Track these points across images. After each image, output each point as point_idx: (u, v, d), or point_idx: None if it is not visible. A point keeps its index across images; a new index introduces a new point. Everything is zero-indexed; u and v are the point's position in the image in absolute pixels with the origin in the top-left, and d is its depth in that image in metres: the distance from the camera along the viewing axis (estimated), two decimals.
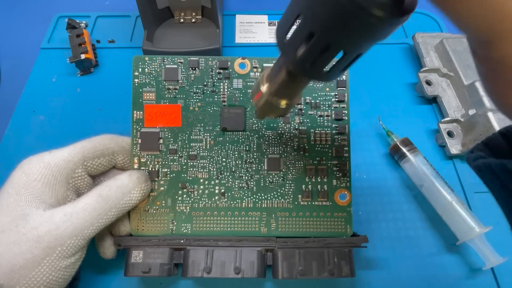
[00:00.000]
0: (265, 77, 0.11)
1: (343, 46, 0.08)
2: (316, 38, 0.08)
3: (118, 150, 0.16)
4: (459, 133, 0.21)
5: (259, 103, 0.11)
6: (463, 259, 0.18)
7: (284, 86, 0.10)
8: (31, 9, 0.28)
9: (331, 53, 0.08)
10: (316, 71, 0.09)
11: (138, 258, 0.15)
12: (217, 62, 0.16)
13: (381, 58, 0.25)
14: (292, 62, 0.09)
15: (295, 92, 0.11)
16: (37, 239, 0.12)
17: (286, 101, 0.10)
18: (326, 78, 0.09)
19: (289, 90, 0.10)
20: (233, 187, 0.16)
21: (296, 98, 0.11)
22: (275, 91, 0.10)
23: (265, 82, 0.10)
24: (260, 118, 0.12)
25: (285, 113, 0.11)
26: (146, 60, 0.16)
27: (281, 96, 0.10)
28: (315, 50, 0.08)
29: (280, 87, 0.10)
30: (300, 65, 0.09)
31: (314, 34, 0.08)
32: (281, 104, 0.10)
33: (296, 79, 0.10)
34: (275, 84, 0.10)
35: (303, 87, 0.11)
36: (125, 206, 0.15)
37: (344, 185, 0.16)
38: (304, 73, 0.09)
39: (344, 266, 0.15)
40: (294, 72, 0.09)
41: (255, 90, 0.11)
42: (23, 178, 0.13)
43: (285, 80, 0.10)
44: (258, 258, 0.15)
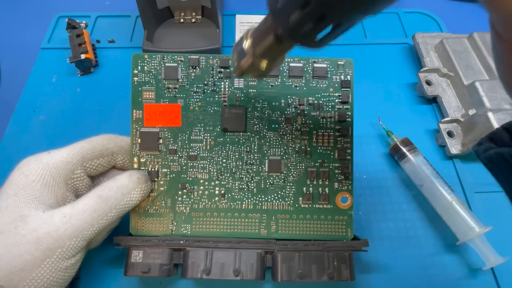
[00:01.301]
0: (249, 34, 0.10)
1: (338, 18, 0.08)
2: (312, 7, 0.07)
3: (117, 150, 0.15)
4: (459, 133, 0.20)
5: (240, 61, 0.10)
6: (463, 259, 0.17)
7: (269, 48, 0.09)
8: (31, 9, 0.27)
9: (325, 23, 0.08)
10: (308, 39, 0.08)
11: (138, 258, 0.15)
12: (218, 61, 0.16)
13: (381, 58, 0.24)
14: (283, 28, 0.08)
15: (279, 55, 0.10)
16: (37, 240, 0.12)
17: (267, 63, 0.10)
18: (316, 46, 0.09)
19: (273, 52, 0.10)
20: (233, 188, 0.15)
21: (278, 60, 0.10)
22: (258, 50, 0.10)
23: (249, 40, 0.10)
24: (239, 76, 0.12)
25: (265, 74, 0.11)
26: (145, 58, 0.15)
27: (264, 57, 0.10)
28: (310, 19, 0.08)
29: (265, 49, 0.10)
30: (292, 32, 0.08)
31: (309, 3, 0.07)
32: (262, 64, 0.10)
33: (283, 44, 0.09)
34: (259, 44, 0.10)
35: (289, 50, 0.10)
36: (125, 206, 0.14)
37: (346, 188, 0.16)
38: (295, 40, 0.09)
39: (344, 269, 0.14)
40: (283, 37, 0.09)
41: (238, 46, 0.10)
42: (22, 179, 0.13)
43: (271, 43, 0.09)
44: (257, 260, 0.14)
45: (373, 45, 0.25)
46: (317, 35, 0.08)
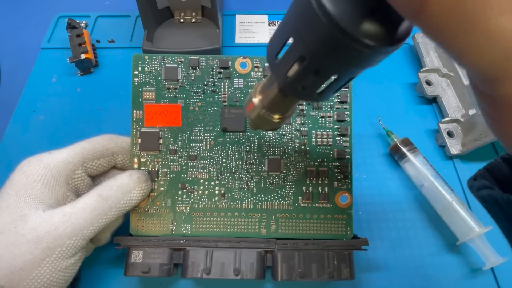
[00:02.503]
0: (258, 89, 0.10)
1: (334, 72, 0.08)
2: (307, 62, 0.08)
3: (118, 151, 0.16)
4: (459, 133, 0.21)
5: (251, 116, 0.11)
6: (463, 259, 0.17)
7: (276, 102, 0.10)
8: (31, 9, 0.28)
9: (322, 78, 0.08)
10: (307, 93, 0.08)
11: (138, 258, 0.15)
12: (218, 62, 0.16)
13: None
14: (283, 82, 0.08)
15: (287, 108, 0.10)
16: (37, 240, 0.12)
17: (278, 116, 0.10)
18: (317, 99, 0.09)
19: (281, 105, 0.10)
20: (233, 188, 0.16)
21: (288, 113, 0.11)
22: (267, 105, 0.10)
23: (258, 95, 0.10)
24: (253, 129, 0.12)
25: (278, 127, 0.11)
26: (146, 59, 0.16)
27: (274, 111, 0.10)
28: (306, 73, 0.08)
29: (272, 103, 0.10)
30: (291, 86, 0.08)
31: (305, 58, 0.07)
32: (273, 118, 0.10)
33: (288, 97, 0.09)
34: (267, 99, 0.10)
35: (296, 103, 0.10)
36: (125, 206, 0.14)
37: (345, 187, 0.16)
38: (295, 94, 0.09)
39: (344, 268, 0.14)
40: (286, 91, 0.09)
41: (248, 102, 0.11)
42: (22, 179, 0.13)
43: (277, 97, 0.09)
44: (257, 260, 0.14)
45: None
46: (317, 89, 0.08)
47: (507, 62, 0.06)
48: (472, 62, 0.06)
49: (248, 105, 0.11)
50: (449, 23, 0.06)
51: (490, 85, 0.06)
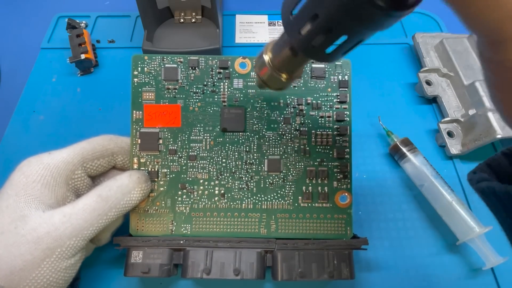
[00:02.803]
0: (269, 48, 0.11)
1: (345, 32, 0.08)
2: (320, 20, 0.08)
3: (118, 151, 0.16)
4: (459, 133, 0.21)
5: (260, 73, 0.11)
6: (463, 259, 0.18)
7: (286, 61, 0.10)
8: (31, 9, 0.28)
9: (333, 37, 0.08)
10: (318, 52, 0.09)
11: (138, 259, 0.15)
12: (217, 62, 0.16)
13: (381, 58, 0.25)
14: (295, 40, 0.09)
15: (296, 68, 0.11)
16: (36, 240, 0.12)
17: (287, 75, 0.11)
18: (326, 59, 0.09)
19: (291, 65, 0.10)
20: (233, 188, 0.16)
21: (296, 73, 0.11)
22: (277, 64, 0.10)
23: (268, 53, 0.11)
24: (260, 87, 0.12)
25: (285, 86, 0.11)
26: (145, 59, 0.16)
27: (283, 70, 0.10)
28: (318, 32, 0.08)
29: (282, 62, 0.10)
30: (303, 44, 0.09)
31: (318, 16, 0.08)
32: (282, 77, 0.11)
33: (298, 56, 0.10)
34: (277, 58, 0.10)
35: (305, 63, 0.11)
36: (125, 206, 0.14)
37: (345, 187, 0.16)
38: (305, 52, 0.09)
39: (344, 268, 0.14)
40: (297, 50, 0.09)
41: (258, 59, 0.11)
42: (22, 180, 0.13)
43: (287, 56, 0.10)
44: (257, 260, 0.14)
45: (373, 45, 0.25)
46: (327, 49, 0.09)
47: None
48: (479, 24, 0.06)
49: (258, 63, 0.11)
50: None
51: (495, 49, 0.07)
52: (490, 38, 0.07)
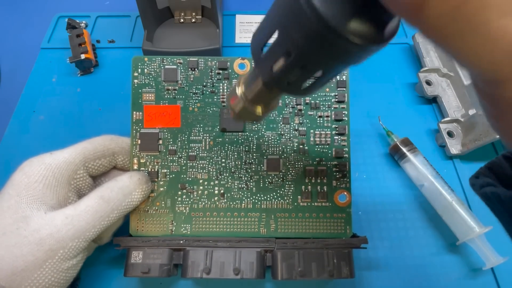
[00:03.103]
0: (242, 81, 0.10)
1: (320, 68, 0.08)
2: (293, 58, 0.08)
3: (119, 151, 0.16)
4: (459, 133, 0.21)
5: (235, 108, 0.11)
6: (463, 259, 0.18)
7: (260, 95, 0.10)
8: (31, 9, 0.28)
9: (308, 73, 0.08)
10: (293, 88, 0.09)
11: (138, 259, 0.15)
12: (217, 63, 0.16)
13: (381, 58, 0.25)
14: (267, 77, 0.09)
15: (271, 101, 0.10)
16: (39, 241, 0.12)
17: (261, 108, 0.10)
18: (302, 94, 0.09)
19: (265, 98, 0.10)
20: (232, 187, 0.16)
21: (271, 105, 0.11)
22: (251, 98, 0.10)
23: (242, 86, 0.10)
24: (236, 120, 0.12)
25: (261, 119, 0.11)
26: (145, 60, 0.16)
27: (257, 103, 0.10)
28: (291, 69, 0.08)
29: (256, 95, 0.10)
30: (276, 81, 0.08)
31: (291, 54, 0.08)
32: (256, 110, 0.10)
33: (273, 90, 0.10)
34: (251, 92, 0.10)
35: (280, 96, 0.11)
36: (127, 207, 0.15)
37: (344, 186, 0.16)
38: (280, 89, 0.09)
39: (344, 267, 0.15)
40: (270, 85, 0.09)
41: (231, 93, 0.11)
42: (24, 180, 0.13)
43: (261, 90, 0.10)
44: (257, 259, 0.15)
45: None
46: (302, 84, 0.08)
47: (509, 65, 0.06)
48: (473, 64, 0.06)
49: (231, 97, 0.11)
50: (450, 26, 0.06)
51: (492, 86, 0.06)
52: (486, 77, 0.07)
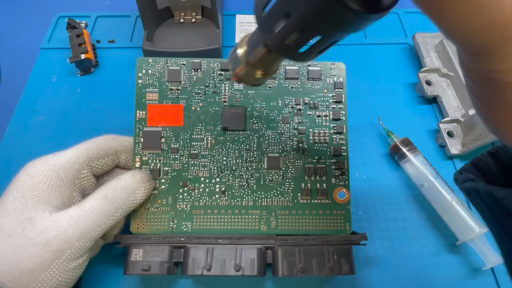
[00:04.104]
0: (244, 42, 0.11)
1: (319, 33, 0.08)
2: (292, 19, 0.08)
3: (121, 149, 0.17)
4: (459, 133, 0.22)
5: (235, 69, 0.11)
6: (463, 259, 0.19)
7: (260, 58, 0.10)
8: (31, 9, 0.30)
9: (306, 37, 0.08)
10: (291, 50, 0.09)
11: (138, 256, 0.16)
12: (219, 64, 0.18)
13: (381, 58, 0.27)
14: (268, 38, 0.09)
15: (272, 64, 0.11)
16: (46, 243, 0.13)
17: (262, 72, 0.11)
18: (300, 59, 0.09)
19: (265, 62, 0.11)
20: (233, 185, 0.18)
21: (272, 70, 0.11)
22: (252, 61, 0.11)
23: (243, 48, 0.11)
24: (237, 82, 0.13)
25: (261, 83, 0.12)
26: (150, 62, 0.18)
27: (258, 66, 0.11)
28: (290, 31, 0.08)
29: (257, 59, 0.10)
30: (275, 42, 0.09)
31: (290, 15, 0.08)
32: (257, 73, 0.11)
33: (273, 53, 0.10)
34: (252, 55, 0.10)
35: (281, 60, 0.11)
36: (130, 206, 0.16)
37: (343, 183, 0.18)
38: (278, 50, 0.09)
39: (344, 263, 0.16)
40: (270, 47, 0.10)
41: (232, 54, 0.11)
42: (28, 181, 0.14)
43: (262, 53, 0.10)
44: (258, 256, 0.16)
45: (373, 45, 0.27)
46: (300, 48, 0.09)
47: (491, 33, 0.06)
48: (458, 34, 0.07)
49: (232, 58, 0.11)
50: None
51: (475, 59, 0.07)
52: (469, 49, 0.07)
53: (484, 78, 0.07)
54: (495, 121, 0.08)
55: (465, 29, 0.06)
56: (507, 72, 0.07)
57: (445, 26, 0.07)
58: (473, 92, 0.08)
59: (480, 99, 0.08)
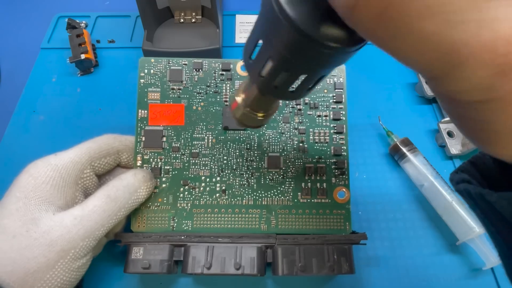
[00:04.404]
0: (241, 88, 0.12)
1: (303, 72, 0.09)
2: (275, 62, 0.09)
3: (123, 149, 0.18)
4: (459, 133, 0.23)
5: (236, 114, 0.12)
6: (463, 259, 0.19)
7: (256, 100, 0.11)
8: (31, 9, 0.31)
9: (292, 77, 0.09)
10: (281, 91, 0.10)
11: (139, 255, 0.16)
12: (220, 64, 0.19)
13: (381, 58, 0.27)
14: (257, 82, 0.10)
15: (269, 106, 0.12)
16: (50, 243, 0.14)
17: (262, 113, 0.12)
18: (292, 97, 0.10)
19: (262, 104, 0.11)
20: (233, 184, 0.18)
21: (271, 110, 0.12)
22: (250, 104, 0.11)
23: (241, 94, 0.12)
24: (239, 126, 0.13)
25: (263, 124, 0.12)
26: (152, 62, 0.19)
27: (256, 109, 0.11)
28: (276, 73, 0.09)
29: (254, 101, 0.11)
30: (266, 85, 0.10)
31: (274, 59, 0.09)
32: (257, 116, 0.12)
33: (266, 95, 0.11)
34: (249, 98, 0.11)
35: (277, 101, 0.12)
36: (133, 205, 0.16)
37: (343, 183, 0.18)
38: (269, 93, 0.10)
39: (344, 263, 0.16)
40: (262, 90, 0.10)
41: (232, 101, 0.12)
42: (31, 182, 0.14)
43: (256, 96, 0.11)
44: (258, 255, 0.16)
45: (373, 45, 0.28)
46: (289, 88, 0.10)
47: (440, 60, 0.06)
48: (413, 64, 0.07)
49: (232, 104, 0.12)
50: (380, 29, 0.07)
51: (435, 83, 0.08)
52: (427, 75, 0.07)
53: (450, 99, 0.08)
54: (472, 136, 0.08)
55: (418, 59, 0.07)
56: (465, 93, 0.07)
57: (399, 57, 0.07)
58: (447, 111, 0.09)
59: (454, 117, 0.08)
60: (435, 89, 0.08)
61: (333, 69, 0.09)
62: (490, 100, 0.07)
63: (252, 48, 0.10)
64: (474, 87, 0.07)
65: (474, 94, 0.07)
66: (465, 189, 0.10)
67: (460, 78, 0.07)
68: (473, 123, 0.08)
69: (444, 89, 0.08)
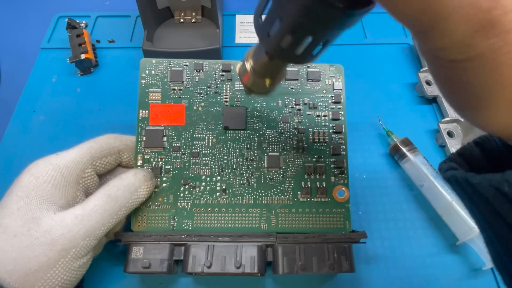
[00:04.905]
0: (250, 54, 0.12)
1: (309, 33, 0.09)
2: (284, 23, 0.09)
3: (124, 148, 0.18)
4: (459, 133, 0.24)
5: (245, 81, 0.13)
6: (463, 259, 0.20)
7: (265, 66, 0.12)
8: (31, 9, 0.32)
9: (298, 38, 0.09)
10: (288, 53, 0.10)
11: (139, 254, 0.17)
12: (221, 65, 0.20)
13: (381, 58, 0.28)
14: (266, 43, 0.10)
15: (277, 71, 0.12)
16: (51, 242, 0.14)
17: (269, 80, 0.12)
18: (299, 61, 0.10)
19: (270, 69, 0.12)
20: (234, 184, 0.19)
21: (278, 77, 0.12)
22: (258, 70, 0.12)
23: (250, 60, 0.12)
24: (247, 93, 0.14)
25: (270, 91, 0.13)
26: (153, 63, 0.20)
27: (264, 75, 0.12)
28: (283, 34, 0.09)
29: (262, 67, 0.12)
30: (272, 46, 0.10)
31: (282, 19, 0.09)
32: (265, 82, 0.12)
33: (274, 60, 0.11)
34: (257, 63, 0.12)
35: (284, 66, 0.12)
36: (133, 204, 0.17)
37: (342, 182, 0.19)
38: (276, 55, 0.10)
39: (344, 261, 0.17)
40: (271, 54, 0.11)
41: (241, 67, 0.13)
42: (32, 181, 0.15)
43: (265, 61, 0.11)
44: (258, 254, 0.17)
45: (373, 45, 0.29)
46: (296, 51, 0.10)
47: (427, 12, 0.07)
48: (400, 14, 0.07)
49: (241, 70, 0.13)
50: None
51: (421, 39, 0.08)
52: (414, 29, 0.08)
53: (434, 58, 0.08)
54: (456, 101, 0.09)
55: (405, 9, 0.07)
56: (448, 50, 0.07)
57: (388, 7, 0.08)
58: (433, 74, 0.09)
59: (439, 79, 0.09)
60: (421, 47, 0.08)
61: (337, 34, 0.09)
62: (471, 58, 0.07)
63: (262, 8, 0.10)
64: (456, 43, 0.07)
65: (456, 51, 0.07)
66: (452, 175, 0.10)
67: (444, 33, 0.07)
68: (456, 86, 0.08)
69: (429, 46, 0.08)
